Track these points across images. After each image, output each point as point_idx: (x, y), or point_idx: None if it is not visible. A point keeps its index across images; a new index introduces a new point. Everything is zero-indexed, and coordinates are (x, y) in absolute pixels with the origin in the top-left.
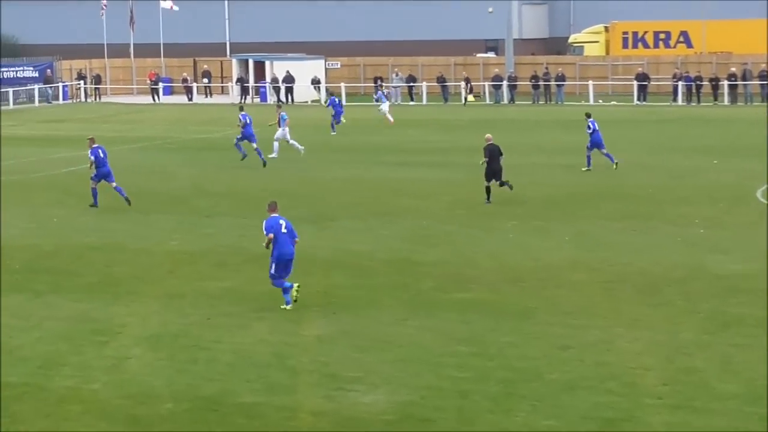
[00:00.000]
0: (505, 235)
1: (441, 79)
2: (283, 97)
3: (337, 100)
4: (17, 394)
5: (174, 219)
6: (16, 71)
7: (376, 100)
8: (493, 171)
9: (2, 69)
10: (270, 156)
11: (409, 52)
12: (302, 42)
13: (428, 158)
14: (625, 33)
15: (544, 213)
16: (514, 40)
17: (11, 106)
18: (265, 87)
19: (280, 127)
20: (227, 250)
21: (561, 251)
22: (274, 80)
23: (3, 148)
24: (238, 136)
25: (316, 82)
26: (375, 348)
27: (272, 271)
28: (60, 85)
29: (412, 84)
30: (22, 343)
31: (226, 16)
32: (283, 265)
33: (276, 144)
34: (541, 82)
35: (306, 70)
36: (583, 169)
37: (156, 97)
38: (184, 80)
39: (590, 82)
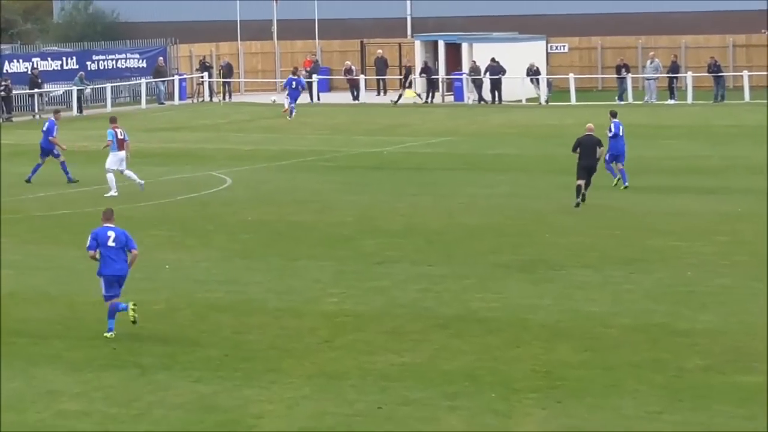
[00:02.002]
0: None
1: (714, 68)
2: (487, 95)
3: (294, 83)
4: None
5: (331, 267)
6: (116, 60)
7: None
8: (584, 168)
9: (97, 57)
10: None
11: (667, 28)
12: (512, 16)
13: (694, 181)
14: None
15: None
16: None
17: (108, 108)
18: (461, 80)
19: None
20: (406, 311)
21: None
22: (474, 70)
23: (92, 168)
24: None
25: (533, 72)
26: None
27: (103, 291)
28: (176, 78)
29: (672, 75)
30: None
31: None
32: (112, 283)
33: None
34: None
35: (519, 56)
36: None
37: (312, 96)
38: (348, 71)
39: None
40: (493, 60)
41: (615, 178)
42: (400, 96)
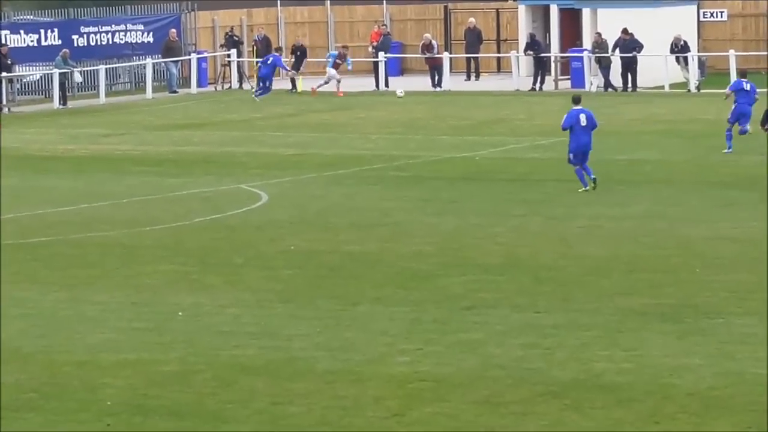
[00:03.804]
0: None
1: None
2: (615, 79)
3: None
4: None
5: (404, 314)
6: (113, 33)
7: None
8: None
9: (86, 29)
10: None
11: None
12: None
13: None
14: None
15: None
16: None
17: (102, 99)
18: (581, 60)
19: None
20: (505, 374)
21: None
22: (600, 45)
23: (80, 180)
24: None
25: (680, 48)
26: None
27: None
28: (193, 57)
29: None
30: None
31: None
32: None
33: None
34: None
35: (661, 27)
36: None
37: (378, 79)
38: (427, 47)
39: None
40: (624, 32)
41: (585, 188)
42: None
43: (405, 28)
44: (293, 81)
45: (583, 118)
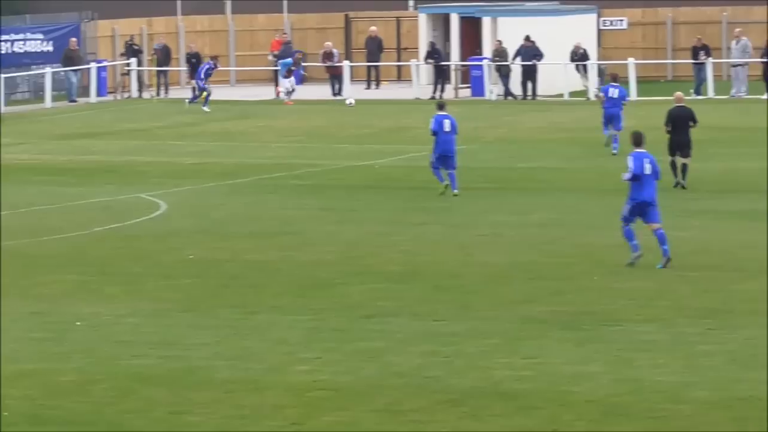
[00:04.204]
0: None
1: None
2: (515, 87)
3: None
4: None
5: (304, 323)
6: (11, 42)
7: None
8: (677, 144)
9: None
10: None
11: None
12: None
13: None
14: None
15: None
16: None
17: (1, 109)
18: (481, 68)
19: None
20: (404, 383)
21: None
22: (500, 53)
23: None
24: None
25: (580, 56)
26: None
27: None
28: (93, 66)
29: None
30: None
31: None
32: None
33: None
34: None
35: (561, 35)
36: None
37: (278, 88)
38: (328, 55)
39: None
40: (527, 39)
41: (443, 184)
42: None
43: (306, 37)
44: (194, 90)
45: (447, 124)
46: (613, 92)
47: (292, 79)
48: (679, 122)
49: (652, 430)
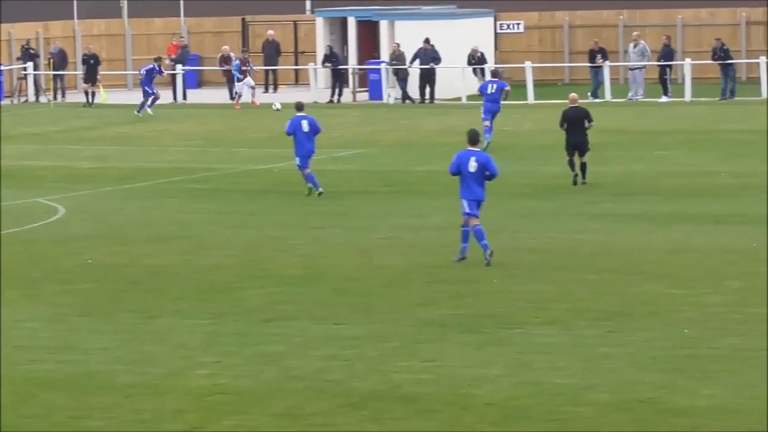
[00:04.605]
0: None
1: (720, 53)
2: (414, 91)
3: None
4: None
5: (203, 327)
6: None
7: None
8: (573, 144)
9: None
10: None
11: (658, 1)
12: None
13: (695, 205)
14: None
15: None
16: None
17: None
18: (379, 72)
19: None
20: (304, 386)
21: None
22: (397, 57)
23: None
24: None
25: (477, 60)
26: None
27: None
28: None
29: (665, 63)
30: None
31: None
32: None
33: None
34: None
35: (458, 39)
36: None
37: (176, 92)
38: (225, 59)
39: None
40: (426, 42)
41: (308, 184)
42: (92, 95)
43: (203, 41)
44: (87, 93)
45: (305, 124)
46: (492, 87)
47: (249, 79)
48: (575, 123)
49: None
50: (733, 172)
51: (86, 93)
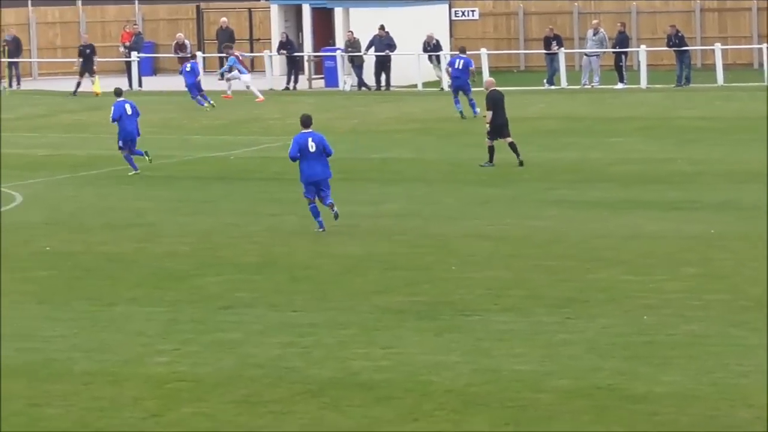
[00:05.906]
0: None
1: (675, 40)
2: (370, 78)
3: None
4: None
5: (160, 314)
6: None
7: (225, 72)
8: (499, 126)
9: None
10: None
11: None
12: None
13: (652, 192)
14: None
15: None
16: None
17: None
18: (334, 59)
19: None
20: (262, 374)
21: None
22: (353, 44)
23: None
24: None
25: (433, 47)
26: None
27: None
28: None
29: (620, 50)
30: None
31: None
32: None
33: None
34: None
35: (413, 26)
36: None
37: (131, 79)
38: (180, 47)
39: None
40: (381, 28)
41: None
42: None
43: (157, 28)
44: (78, 84)
45: (128, 108)
46: (459, 63)
47: (247, 75)
48: (499, 105)
49: (513, 419)
50: (688, 159)
51: (78, 83)
